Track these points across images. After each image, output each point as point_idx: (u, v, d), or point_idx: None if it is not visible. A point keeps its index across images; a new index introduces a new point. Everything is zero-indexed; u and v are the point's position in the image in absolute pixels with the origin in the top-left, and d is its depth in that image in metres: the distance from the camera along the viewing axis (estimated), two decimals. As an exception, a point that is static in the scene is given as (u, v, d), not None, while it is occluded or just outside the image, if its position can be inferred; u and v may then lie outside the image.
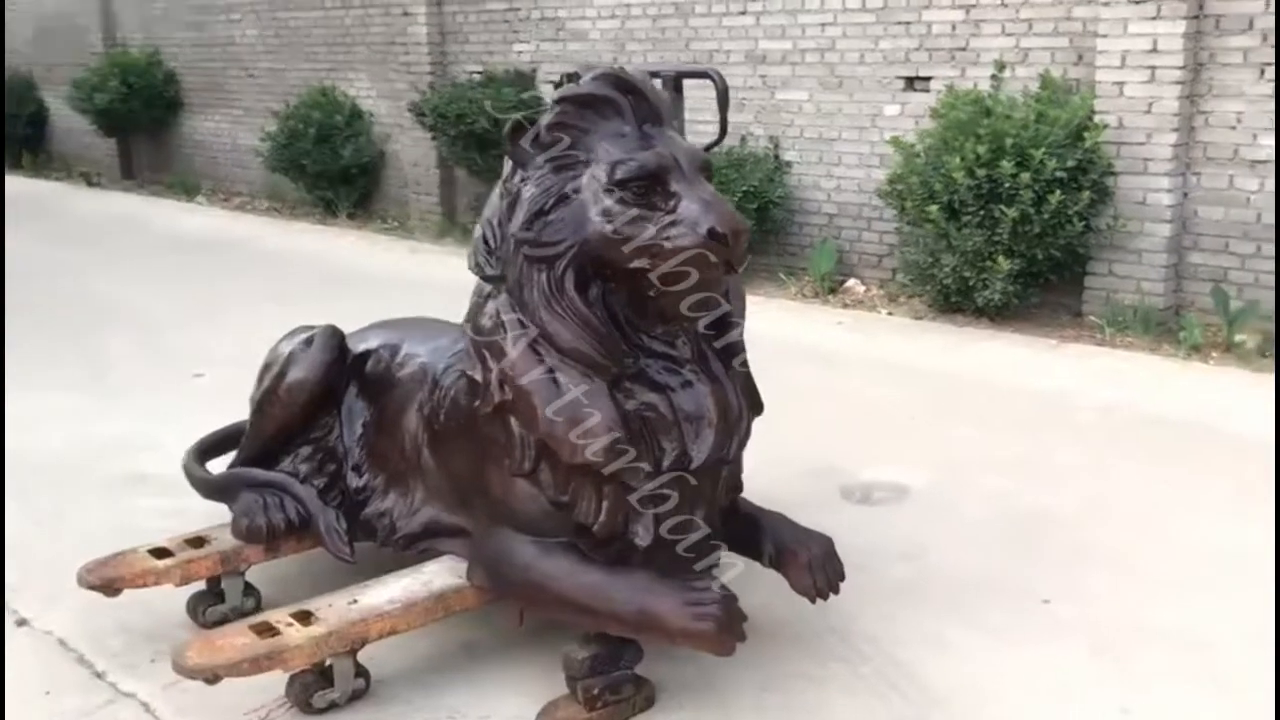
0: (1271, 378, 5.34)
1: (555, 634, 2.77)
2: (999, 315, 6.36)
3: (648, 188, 2.50)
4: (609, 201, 2.51)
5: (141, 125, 13.07)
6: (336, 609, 2.69)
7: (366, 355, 3.30)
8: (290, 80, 11.45)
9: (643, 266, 2.51)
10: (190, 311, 6.88)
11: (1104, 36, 6.12)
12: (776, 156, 7.79)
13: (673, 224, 2.47)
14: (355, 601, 2.72)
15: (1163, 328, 6.10)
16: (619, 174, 2.50)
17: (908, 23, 7.04)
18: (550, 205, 2.55)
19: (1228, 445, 4.43)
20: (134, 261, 8.73)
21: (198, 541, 3.11)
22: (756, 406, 2.81)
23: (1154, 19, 5.96)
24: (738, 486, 2.92)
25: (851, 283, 7.41)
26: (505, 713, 2.69)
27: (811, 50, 7.58)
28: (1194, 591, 3.23)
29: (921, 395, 5.13)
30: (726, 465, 2.73)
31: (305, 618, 2.66)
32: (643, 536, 2.62)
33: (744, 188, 7.40)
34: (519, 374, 2.57)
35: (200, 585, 3.11)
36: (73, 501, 3.99)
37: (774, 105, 7.86)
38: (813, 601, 2.81)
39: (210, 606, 3.10)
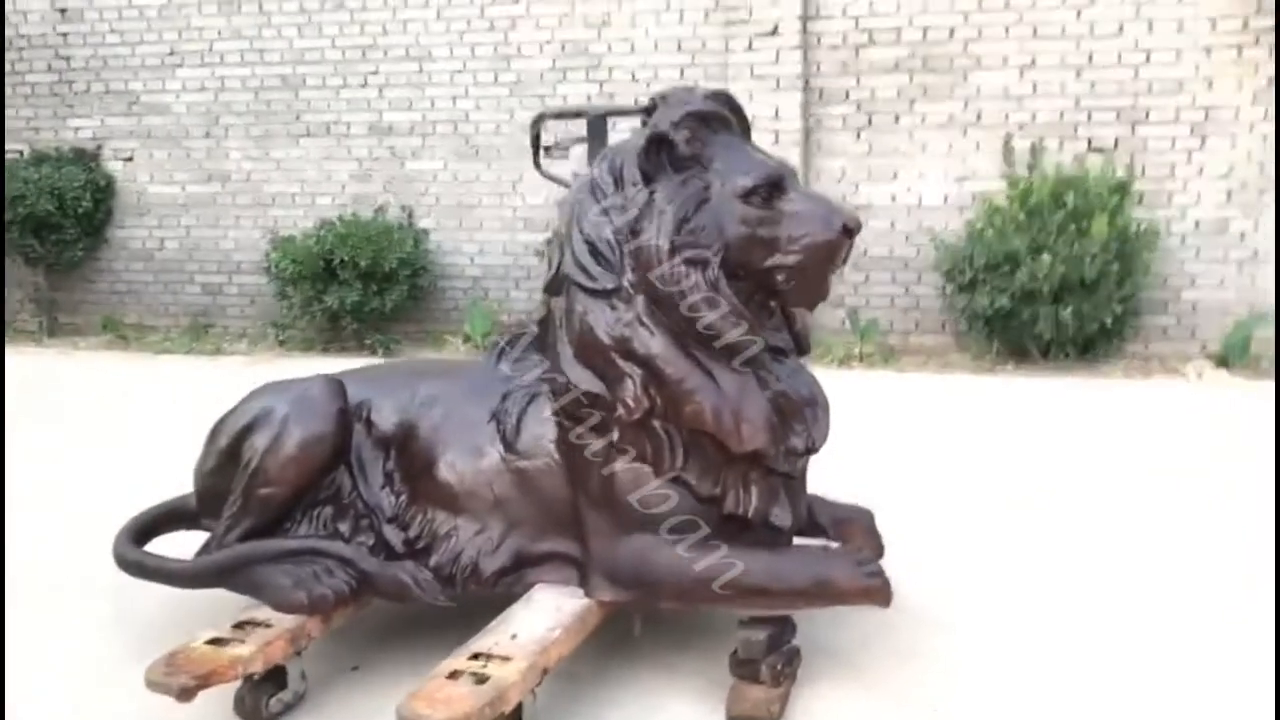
0: (897, 375, 6.62)
1: (640, 643, 2.90)
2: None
3: (771, 193, 2.74)
4: (741, 207, 2.71)
5: None
6: (506, 645, 2.55)
7: (365, 402, 3.08)
8: None
9: (775, 264, 2.74)
10: None
11: (735, 105, 7.10)
12: (411, 225, 7.88)
13: (803, 223, 2.73)
14: (515, 636, 2.60)
15: (803, 350, 7.15)
16: (752, 181, 2.71)
17: (542, 95, 7.55)
18: (691, 213, 2.70)
19: (939, 425, 5.45)
20: None
21: (241, 627, 2.70)
22: None
23: (775, 91, 7.08)
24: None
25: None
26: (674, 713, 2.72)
27: (443, 121, 7.81)
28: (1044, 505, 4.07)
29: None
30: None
31: (479, 659, 2.50)
32: (781, 518, 2.81)
33: (398, 255, 7.41)
34: (678, 373, 2.66)
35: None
36: None
37: (405, 175, 7.95)
38: (874, 563, 3.16)
39: (273, 695, 2.70)
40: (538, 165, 4.09)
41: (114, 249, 8.60)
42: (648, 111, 2.90)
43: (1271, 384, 6.28)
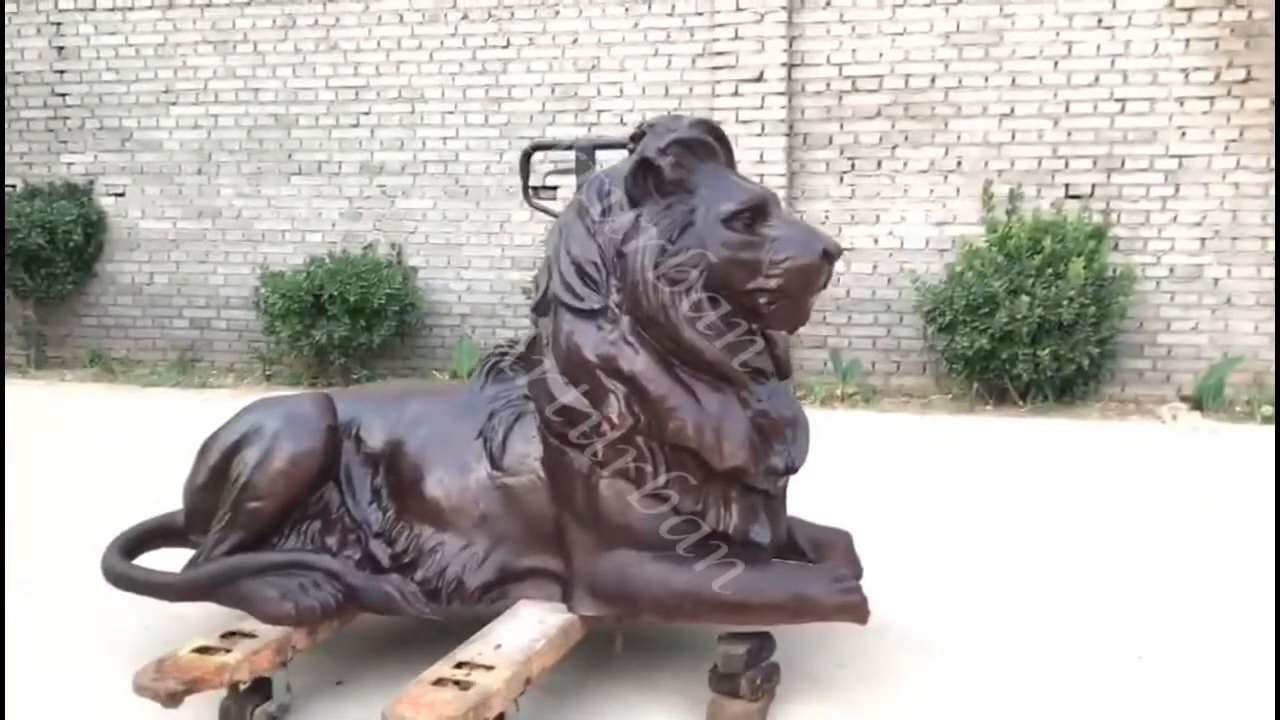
0: (878, 415, 6.69)
1: (621, 659, 2.94)
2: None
3: (754, 218, 2.83)
4: (724, 231, 2.79)
5: None
6: (490, 655, 2.58)
7: (355, 419, 3.14)
8: None
9: (757, 287, 2.82)
10: None
11: (721, 148, 7.25)
12: (400, 262, 7.97)
13: (784, 247, 2.81)
14: (499, 646, 2.64)
15: (786, 390, 7.24)
16: (735, 206, 2.80)
17: (532, 137, 7.67)
18: (676, 236, 2.78)
19: (920, 464, 5.52)
20: None
21: (229, 637, 2.74)
22: None
23: (760, 135, 7.22)
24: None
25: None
26: (657, 729, 2.76)
27: (434, 162, 7.93)
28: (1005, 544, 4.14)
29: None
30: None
31: (463, 667, 2.54)
32: (761, 535, 2.87)
33: (386, 291, 7.49)
34: (661, 390, 2.73)
35: (218, 691, 2.73)
36: None
37: (395, 214, 8.05)
38: (853, 585, 3.22)
39: (258, 706, 2.73)
40: (527, 196, 4.19)
41: (103, 283, 8.66)
42: (635, 139, 3.00)
43: (1246, 427, 6.39)
